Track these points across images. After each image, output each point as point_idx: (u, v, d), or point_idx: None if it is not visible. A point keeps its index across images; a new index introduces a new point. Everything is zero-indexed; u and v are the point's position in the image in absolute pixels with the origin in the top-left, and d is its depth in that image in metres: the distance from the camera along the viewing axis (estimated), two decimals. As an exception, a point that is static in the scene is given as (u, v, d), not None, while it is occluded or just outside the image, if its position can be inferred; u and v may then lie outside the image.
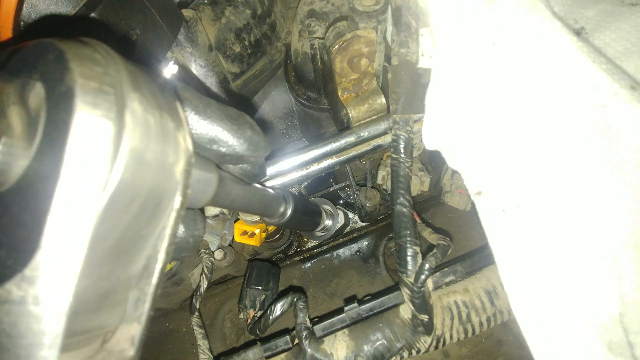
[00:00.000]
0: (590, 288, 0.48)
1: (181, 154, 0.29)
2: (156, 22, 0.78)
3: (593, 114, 0.50)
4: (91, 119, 0.22)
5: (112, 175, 0.23)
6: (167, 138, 0.28)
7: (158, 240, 0.30)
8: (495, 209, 0.53)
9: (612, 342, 0.46)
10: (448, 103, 0.60)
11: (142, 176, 0.26)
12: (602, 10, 0.62)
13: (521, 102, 0.54)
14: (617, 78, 0.50)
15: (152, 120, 0.26)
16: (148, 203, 0.27)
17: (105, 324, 0.29)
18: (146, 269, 0.30)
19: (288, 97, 1.23)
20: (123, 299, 0.30)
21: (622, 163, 0.49)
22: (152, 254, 0.30)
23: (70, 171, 0.22)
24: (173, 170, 0.29)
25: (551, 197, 0.51)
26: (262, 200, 0.58)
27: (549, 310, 0.48)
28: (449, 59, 0.59)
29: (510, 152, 0.54)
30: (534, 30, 0.53)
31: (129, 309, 0.31)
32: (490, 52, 0.56)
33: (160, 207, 0.29)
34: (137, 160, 0.25)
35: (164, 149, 0.27)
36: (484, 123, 0.56)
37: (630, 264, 0.48)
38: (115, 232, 0.26)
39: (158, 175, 0.27)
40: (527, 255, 0.50)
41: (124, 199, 0.25)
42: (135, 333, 0.31)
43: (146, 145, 0.25)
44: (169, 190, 0.29)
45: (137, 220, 0.27)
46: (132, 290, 0.31)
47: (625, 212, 0.49)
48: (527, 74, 0.54)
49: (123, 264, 0.28)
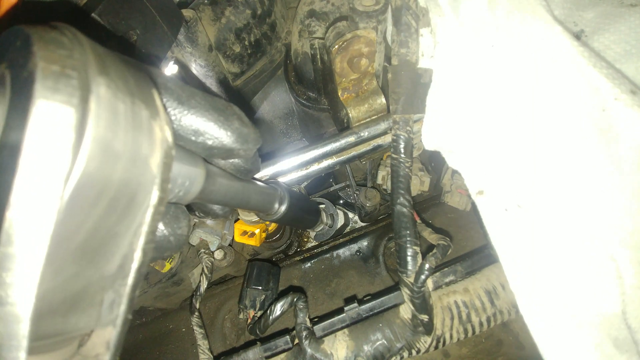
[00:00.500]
0: (591, 287, 0.48)
1: (157, 145, 0.27)
2: (156, 22, 0.78)
3: (593, 116, 0.51)
4: (51, 106, 0.21)
5: (74, 166, 0.21)
6: (140, 127, 0.25)
7: (134, 238, 0.28)
8: (497, 209, 0.53)
9: (617, 339, 0.47)
10: (448, 103, 0.60)
11: (111, 168, 0.23)
12: (602, 12, 0.62)
13: (522, 104, 0.54)
14: (617, 83, 0.50)
15: (122, 107, 0.24)
16: (120, 198, 0.25)
17: (78, 327, 0.28)
18: (121, 269, 0.29)
19: (288, 97, 1.23)
20: (97, 301, 0.28)
21: (622, 165, 0.49)
22: (128, 253, 0.28)
23: (28, 162, 0.20)
24: (148, 162, 0.26)
25: (552, 197, 0.51)
26: (256, 195, 0.56)
27: (556, 308, 0.48)
28: (449, 60, 0.59)
29: (511, 152, 0.54)
30: (534, 34, 0.54)
31: (104, 312, 0.29)
32: (490, 53, 0.56)
33: (135, 203, 0.27)
34: (104, 150, 0.23)
35: (136, 139, 0.25)
36: (485, 123, 0.57)
37: (630, 264, 0.48)
38: (82, 228, 0.24)
39: (130, 167, 0.25)
40: (528, 254, 0.50)
41: (90, 192, 0.23)
42: (110, 337, 0.29)
43: (114, 134, 0.23)
44: (143, 184, 0.27)
45: (108, 216, 0.25)
46: (107, 291, 0.29)
47: (624, 213, 0.49)
48: (528, 76, 0.54)
49: (94, 263, 0.27)
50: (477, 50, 0.57)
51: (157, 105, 0.28)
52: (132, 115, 0.25)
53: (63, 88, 0.21)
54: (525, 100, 0.54)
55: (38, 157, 0.20)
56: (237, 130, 0.37)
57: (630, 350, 0.46)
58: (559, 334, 0.48)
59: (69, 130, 0.21)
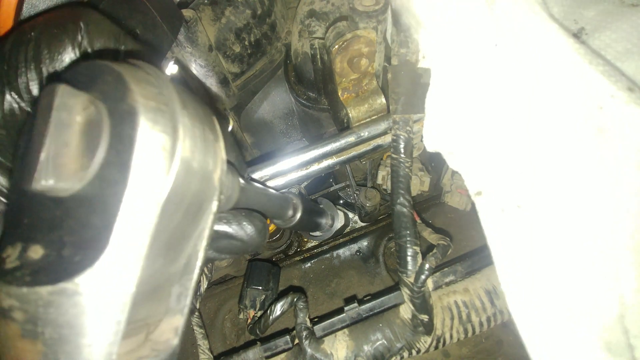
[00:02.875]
0: (589, 289, 0.48)
1: (218, 163, 0.33)
2: (156, 22, 0.78)
3: (590, 115, 0.50)
4: (153, 134, 0.26)
5: (168, 180, 0.27)
6: (208, 148, 0.31)
7: (198, 240, 0.34)
8: (495, 209, 0.52)
9: (611, 342, 0.46)
10: (448, 104, 0.60)
11: (190, 181, 0.29)
12: (603, 10, 0.62)
13: (520, 103, 0.54)
14: (614, 80, 0.50)
15: (198, 133, 0.30)
16: (192, 205, 0.31)
17: (153, 315, 0.32)
18: (187, 266, 0.34)
19: (288, 97, 1.23)
20: (167, 293, 0.33)
21: (620, 164, 0.49)
22: (193, 253, 0.34)
23: (136, 177, 0.26)
24: (212, 177, 0.32)
25: (551, 198, 0.51)
26: (276, 204, 0.62)
27: (547, 310, 0.48)
28: (448, 59, 0.59)
29: (511, 152, 0.54)
30: (531, 32, 0.53)
31: (172, 302, 0.34)
32: (491, 53, 0.56)
33: (202, 210, 0.33)
34: (187, 167, 0.28)
35: (206, 158, 0.31)
36: (484, 124, 0.56)
37: (630, 266, 0.47)
38: (168, 229, 0.29)
39: (201, 181, 0.31)
40: (526, 256, 0.50)
41: (176, 200, 0.28)
42: (178, 324, 0.35)
43: (193, 154, 0.29)
44: (208, 194, 0.33)
45: (184, 220, 0.31)
46: (175, 285, 0.34)
47: (624, 214, 0.48)
48: (526, 75, 0.54)
49: (172, 259, 0.32)
50: (477, 49, 0.57)
51: (218, 130, 0.34)
52: (204, 139, 0.31)
53: (160, 119, 0.27)
54: (524, 99, 0.54)
55: (144, 173, 0.26)
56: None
57: (623, 354, 0.46)
58: (550, 337, 0.47)
59: (166, 153, 0.27)
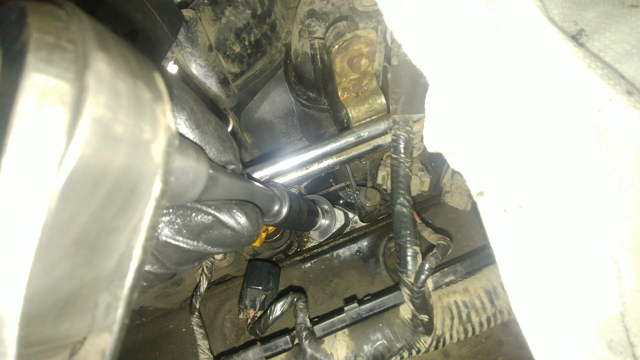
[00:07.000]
0: (590, 288, 0.48)
1: (160, 131, 0.24)
2: (156, 22, 0.78)
3: (590, 118, 0.51)
4: (43, 79, 0.18)
5: (69, 149, 0.19)
6: (142, 110, 0.23)
7: (133, 234, 0.26)
8: (497, 209, 0.53)
9: (612, 340, 0.46)
10: (447, 105, 0.60)
11: (110, 153, 0.21)
12: (602, 12, 0.62)
13: (521, 104, 0.54)
14: (612, 83, 0.50)
15: (123, 86, 0.22)
16: (119, 188, 0.23)
17: (70, 334, 0.25)
18: (119, 269, 0.26)
19: (288, 97, 1.23)
20: (91, 305, 0.26)
21: (619, 167, 0.49)
22: (126, 251, 0.26)
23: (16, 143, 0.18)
24: (150, 149, 0.24)
25: (552, 199, 0.51)
26: (257, 196, 0.53)
27: (550, 309, 0.48)
28: (448, 59, 0.59)
29: (512, 153, 0.54)
30: (530, 34, 0.54)
31: (99, 316, 0.26)
32: (491, 52, 0.56)
33: (136, 194, 0.24)
34: (103, 132, 0.20)
35: (138, 123, 0.23)
36: (485, 124, 0.56)
37: (630, 266, 0.48)
38: (77, 221, 0.21)
39: (131, 153, 0.22)
40: (528, 256, 0.50)
41: (87, 179, 0.20)
42: (105, 345, 0.26)
43: (114, 115, 0.21)
44: (145, 173, 0.24)
45: (106, 208, 0.23)
46: (102, 293, 0.26)
47: (623, 215, 0.49)
48: (527, 75, 0.54)
49: (90, 261, 0.24)
50: (477, 49, 0.57)
51: (160, 88, 0.25)
52: (134, 97, 0.23)
53: (57, 61, 0.19)
54: (524, 100, 0.54)
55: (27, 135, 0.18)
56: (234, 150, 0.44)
57: (625, 352, 0.46)
58: (552, 335, 0.48)
59: (63, 107, 0.19)
